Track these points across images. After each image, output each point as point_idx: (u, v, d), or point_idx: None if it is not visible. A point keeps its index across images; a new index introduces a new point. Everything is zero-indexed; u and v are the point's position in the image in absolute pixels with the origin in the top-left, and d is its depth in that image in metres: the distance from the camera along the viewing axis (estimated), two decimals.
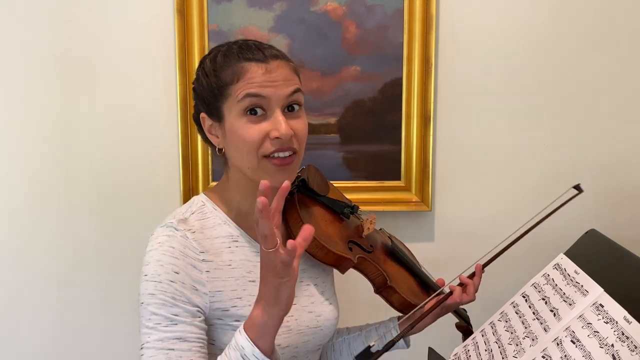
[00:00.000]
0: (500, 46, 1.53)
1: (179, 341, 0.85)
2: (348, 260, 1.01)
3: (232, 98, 0.90)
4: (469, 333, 1.21)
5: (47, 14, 1.51)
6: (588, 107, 1.55)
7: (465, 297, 1.11)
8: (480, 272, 1.15)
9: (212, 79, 0.92)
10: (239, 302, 0.91)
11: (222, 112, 0.92)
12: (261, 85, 0.88)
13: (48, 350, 1.62)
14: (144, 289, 0.87)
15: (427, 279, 1.18)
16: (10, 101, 1.53)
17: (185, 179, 1.55)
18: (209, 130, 0.96)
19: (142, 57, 1.53)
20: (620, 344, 0.73)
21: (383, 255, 1.12)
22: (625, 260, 0.96)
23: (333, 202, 1.08)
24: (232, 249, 0.94)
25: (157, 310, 0.85)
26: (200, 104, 0.96)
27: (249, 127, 0.89)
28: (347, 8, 1.50)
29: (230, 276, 0.91)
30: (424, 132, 1.54)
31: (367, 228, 1.08)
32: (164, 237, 0.89)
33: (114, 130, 1.55)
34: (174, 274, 0.86)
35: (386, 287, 1.08)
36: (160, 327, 0.85)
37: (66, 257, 1.59)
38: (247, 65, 0.89)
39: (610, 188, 1.57)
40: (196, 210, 0.95)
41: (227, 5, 1.50)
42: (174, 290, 0.85)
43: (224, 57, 0.92)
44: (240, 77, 0.89)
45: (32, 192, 1.57)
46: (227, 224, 0.96)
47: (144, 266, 0.88)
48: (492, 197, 1.58)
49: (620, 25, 1.52)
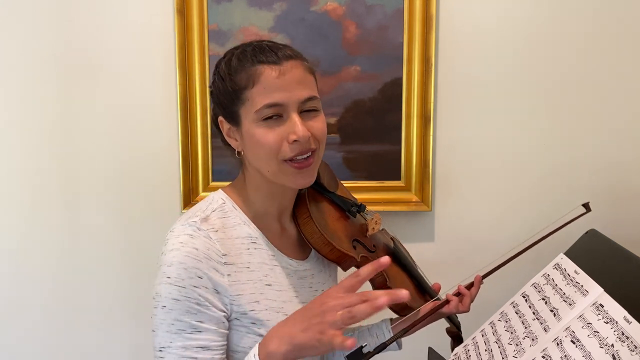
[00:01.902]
0: (500, 46, 1.53)
1: (203, 350, 0.85)
2: (352, 258, 1.01)
3: (248, 103, 0.89)
4: (459, 339, 1.21)
5: (47, 14, 1.51)
6: (588, 107, 1.55)
7: (460, 308, 1.11)
8: (479, 284, 1.14)
9: (227, 82, 0.92)
10: (256, 306, 0.91)
11: (239, 116, 0.92)
12: (277, 90, 0.88)
13: (48, 350, 1.62)
14: (166, 292, 0.84)
15: (424, 284, 1.18)
16: (10, 101, 1.54)
17: (185, 179, 1.55)
18: (228, 133, 0.95)
19: (142, 57, 1.53)
20: (620, 344, 0.73)
21: (385, 256, 1.12)
22: (625, 260, 0.96)
23: (341, 199, 1.08)
24: (251, 251, 0.93)
25: (182, 316, 0.84)
26: (217, 108, 0.96)
27: (267, 132, 0.89)
28: (347, 8, 1.50)
29: (248, 279, 0.91)
30: (424, 132, 1.54)
31: (372, 228, 1.08)
32: (186, 236, 0.87)
33: (114, 131, 1.55)
34: (198, 279, 0.85)
35: (385, 288, 1.07)
36: (185, 334, 0.84)
37: (66, 256, 1.59)
38: (261, 69, 0.89)
39: (610, 188, 1.57)
40: (217, 208, 0.94)
41: (227, 5, 1.50)
42: (197, 296, 0.84)
43: (238, 60, 0.92)
44: (255, 81, 0.88)
45: (31, 192, 1.57)
46: (246, 224, 0.95)
47: (166, 267, 0.85)
48: (492, 197, 1.58)
49: (620, 25, 1.52)
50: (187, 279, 0.84)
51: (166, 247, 0.87)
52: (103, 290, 1.60)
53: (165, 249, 0.87)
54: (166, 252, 0.86)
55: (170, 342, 0.84)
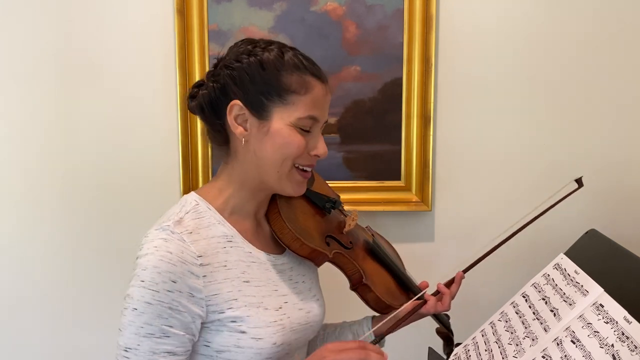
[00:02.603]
0: (500, 46, 1.53)
1: (169, 355, 0.85)
2: (323, 254, 1.02)
3: (291, 106, 0.92)
4: (449, 340, 1.20)
5: (47, 14, 1.51)
6: (588, 107, 1.55)
7: (439, 307, 1.07)
8: (460, 280, 1.11)
9: (272, 74, 0.92)
10: (234, 304, 0.91)
11: (271, 112, 0.92)
12: (320, 107, 0.95)
13: (48, 350, 1.62)
14: (139, 294, 0.85)
15: (407, 281, 1.16)
16: (10, 101, 1.53)
17: (185, 178, 1.55)
18: (236, 119, 0.93)
19: (142, 57, 1.53)
20: (620, 344, 0.73)
21: (363, 252, 1.12)
22: (625, 260, 0.96)
23: (315, 195, 1.09)
24: (227, 249, 0.94)
25: (153, 320, 0.84)
26: (237, 90, 0.93)
27: (298, 138, 0.93)
28: (347, 8, 1.50)
29: (225, 277, 0.91)
30: (424, 132, 1.54)
31: (349, 225, 1.09)
32: (160, 240, 0.87)
33: (114, 130, 1.55)
34: (172, 283, 0.85)
35: (361, 284, 1.08)
36: (154, 338, 0.85)
37: (66, 256, 1.59)
38: (314, 82, 0.94)
39: (610, 188, 1.57)
40: (190, 210, 0.94)
41: (227, 5, 1.50)
42: (170, 301, 0.85)
43: (292, 61, 0.93)
44: (308, 91, 0.93)
45: (31, 191, 1.57)
46: (221, 223, 0.95)
47: (141, 270, 0.86)
48: (492, 197, 1.58)
49: (620, 24, 1.52)
50: (160, 283, 0.84)
51: (141, 252, 0.88)
52: (102, 290, 1.60)
53: (140, 254, 0.87)
54: (141, 257, 0.87)
55: (137, 344, 0.84)
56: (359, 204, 1.52)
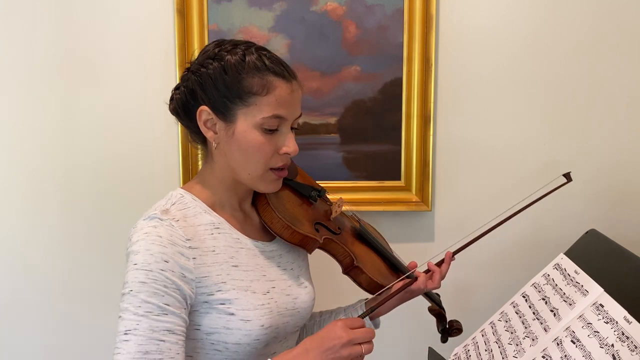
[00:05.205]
0: (500, 46, 1.53)
1: (169, 333, 0.86)
2: (314, 240, 1.05)
3: (254, 108, 0.93)
4: (442, 316, 1.23)
5: (47, 14, 1.51)
6: (588, 107, 1.55)
7: (430, 284, 1.12)
8: (450, 260, 1.16)
9: (233, 79, 0.93)
10: (223, 287, 0.93)
11: (235, 115, 0.94)
12: (285, 106, 0.94)
13: (48, 350, 1.62)
14: (133, 277, 0.86)
15: (396, 262, 1.20)
16: (10, 100, 1.53)
17: (185, 178, 1.55)
18: (205, 124, 0.96)
19: (142, 57, 1.53)
20: (620, 344, 0.73)
21: (351, 237, 1.16)
22: (625, 260, 0.96)
23: (300, 185, 1.12)
24: (215, 236, 0.96)
25: (149, 298, 0.85)
26: (203, 96, 0.95)
27: (263, 140, 0.94)
28: (347, 8, 1.50)
29: (214, 261, 0.93)
30: (424, 132, 1.54)
31: (335, 211, 1.13)
32: (149, 227, 0.89)
33: (114, 130, 1.55)
34: (164, 263, 0.87)
35: (353, 267, 1.11)
36: (152, 316, 0.85)
37: (66, 256, 1.59)
38: (276, 82, 0.94)
39: (610, 188, 1.57)
40: (176, 202, 0.97)
41: (227, 5, 1.50)
42: (164, 279, 0.86)
43: (252, 63, 0.93)
44: (269, 91, 0.93)
45: (31, 191, 1.57)
46: (207, 212, 0.97)
47: (133, 255, 0.87)
48: (492, 197, 1.58)
49: (620, 24, 1.52)
50: (153, 263, 0.86)
51: (131, 241, 0.89)
52: (103, 290, 1.60)
53: (130, 243, 0.89)
54: (132, 245, 0.89)
55: (137, 324, 0.85)
56: (359, 204, 1.52)
